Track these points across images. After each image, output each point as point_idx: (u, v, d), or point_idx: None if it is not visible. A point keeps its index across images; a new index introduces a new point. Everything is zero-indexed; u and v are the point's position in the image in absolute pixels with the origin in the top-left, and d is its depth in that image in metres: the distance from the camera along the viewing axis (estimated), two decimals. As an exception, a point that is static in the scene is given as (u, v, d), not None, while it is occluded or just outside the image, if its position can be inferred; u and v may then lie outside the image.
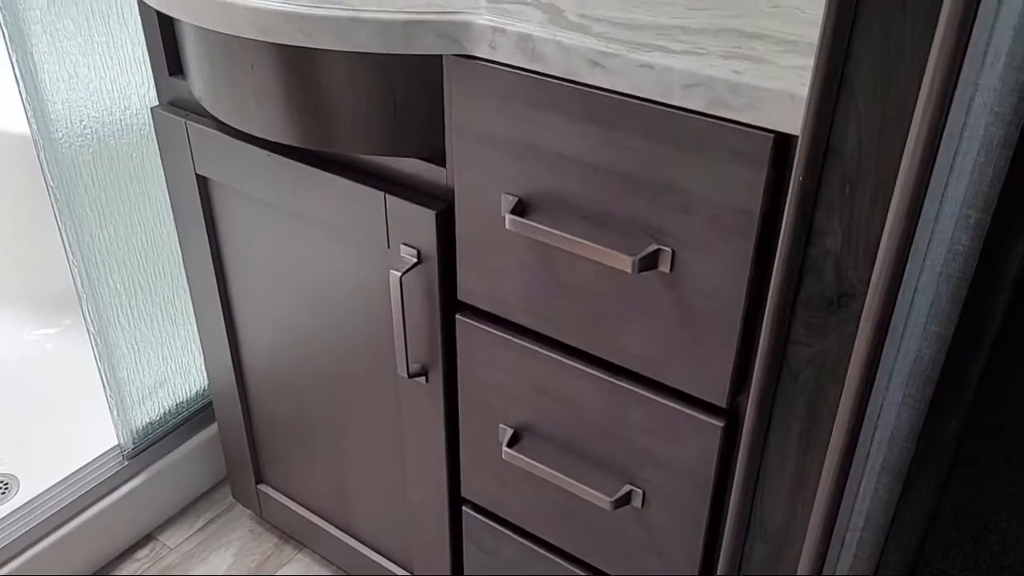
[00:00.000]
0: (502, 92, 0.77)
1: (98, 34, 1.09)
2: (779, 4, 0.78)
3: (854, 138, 0.60)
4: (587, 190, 0.76)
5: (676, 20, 0.74)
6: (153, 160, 1.20)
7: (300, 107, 0.88)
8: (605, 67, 0.70)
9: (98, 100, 1.12)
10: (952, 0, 0.54)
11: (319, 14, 0.77)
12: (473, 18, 0.76)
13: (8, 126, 1.54)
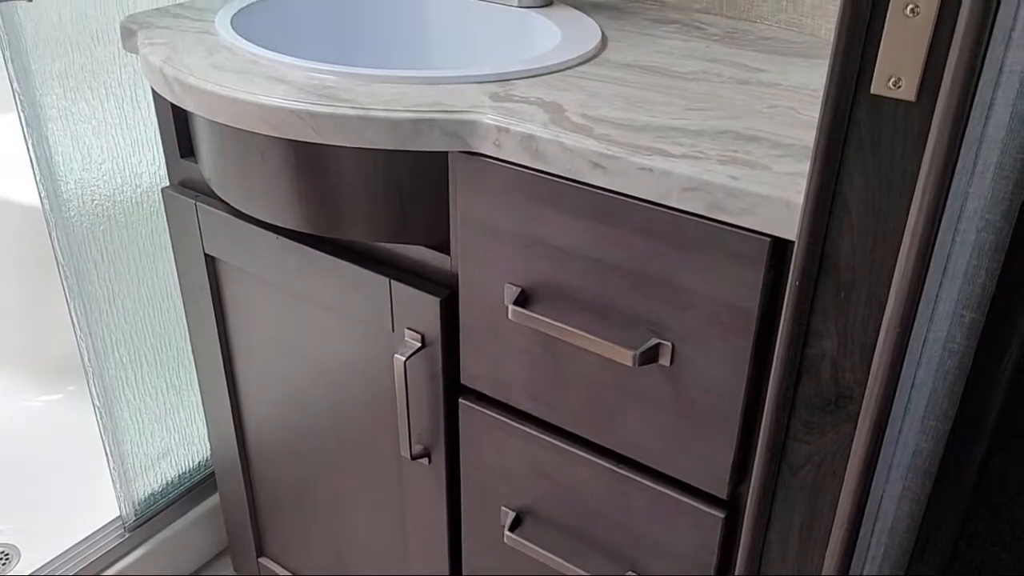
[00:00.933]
0: (506, 187, 0.79)
1: (112, 116, 1.12)
2: (775, 104, 0.80)
3: (848, 248, 0.61)
4: (589, 283, 0.78)
5: (676, 121, 0.77)
6: (162, 236, 1.22)
7: (309, 195, 0.90)
8: (606, 168, 0.72)
9: (110, 180, 1.15)
10: (941, 117, 0.56)
11: (329, 112, 0.79)
12: (479, 117, 0.78)
13: (18, 196, 1.57)
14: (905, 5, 0.53)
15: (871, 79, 0.56)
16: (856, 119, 0.57)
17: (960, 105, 0.55)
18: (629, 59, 0.91)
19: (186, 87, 0.87)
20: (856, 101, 0.57)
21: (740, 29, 1.01)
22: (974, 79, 0.54)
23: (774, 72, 0.88)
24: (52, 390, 1.67)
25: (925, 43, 0.53)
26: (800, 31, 0.99)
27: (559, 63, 0.88)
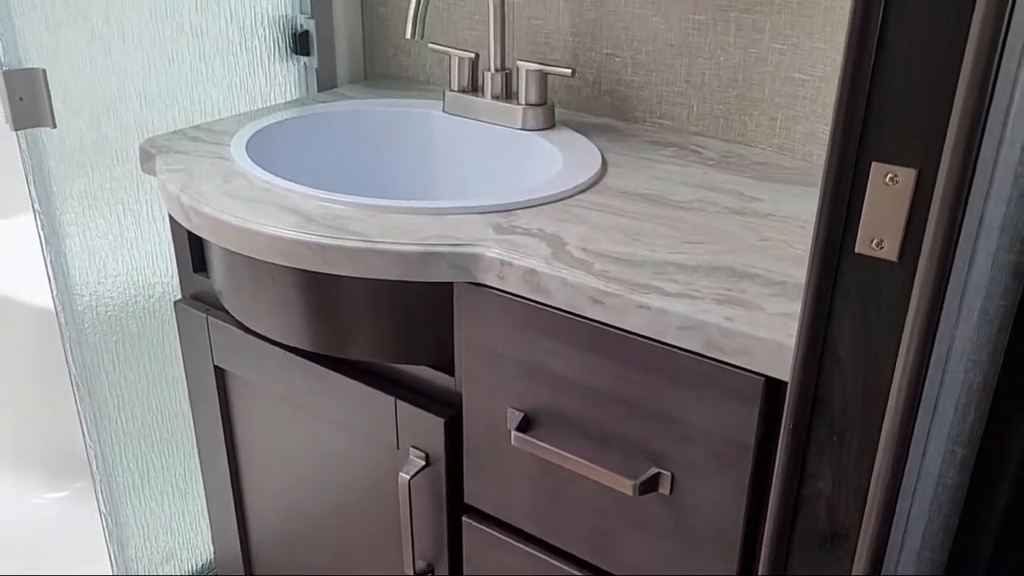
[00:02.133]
0: (509, 318, 0.81)
1: (128, 231, 1.16)
2: (769, 237, 0.83)
3: (839, 393, 0.63)
4: (590, 412, 0.80)
5: (673, 255, 0.80)
6: (172, 346, 1.25)
7: (317, 318, 0.92)
8: (605, 304, 0.75)
9: (124, 291, 1.18)
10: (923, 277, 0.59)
11: (338, 245, 0.83)
12: (483, 250, 0.81)
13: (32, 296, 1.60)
14: (885, 174, 0.56)
15: (855, 239, 0.59)
16: (842, 275, 0.60)
17: (941, 265, 0.58)
18: (628, 187, 0.95)
19: (202, 216, 0.90)
20: (842, 259, 0.60)
21: (735, 153, 1.05)
22: (953, 241, 0.57)
23: (768, 201, 0.91)
24: (58, 487, 1.67)
25: (904, 209, 0.56)
26: (793, 156, 1.03)
27: (561, 192, 0.91)
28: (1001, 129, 0.61)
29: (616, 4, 1.11)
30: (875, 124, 0.56)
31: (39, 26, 1.01)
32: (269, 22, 1.24)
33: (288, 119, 1.13)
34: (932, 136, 0.54)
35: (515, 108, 1.09)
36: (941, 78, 0.53)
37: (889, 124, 0.55)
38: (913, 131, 0.55)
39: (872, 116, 0.56)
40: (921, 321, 0.59)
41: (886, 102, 0.55)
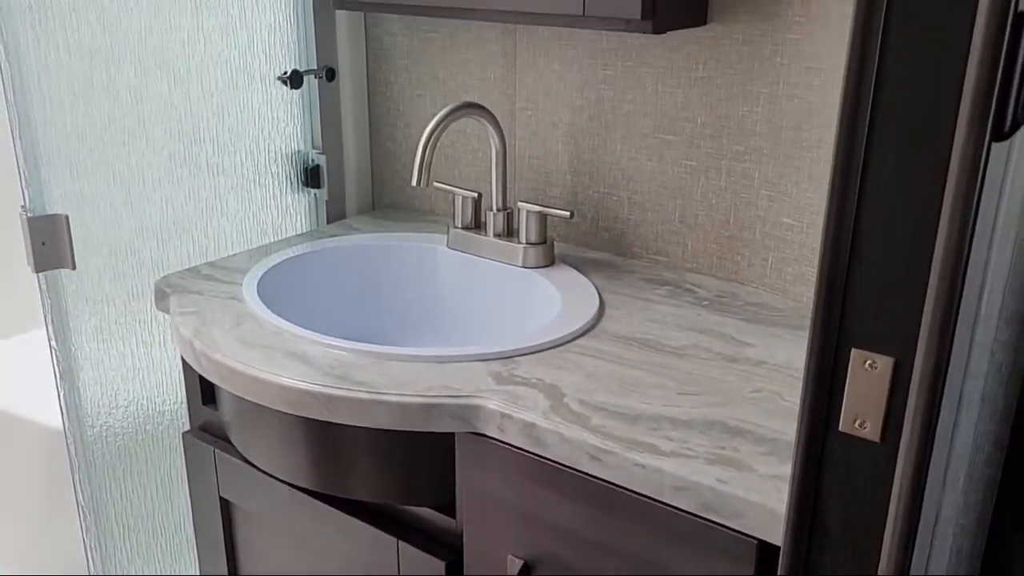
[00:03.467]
0: (509, 468, 0.83)
1: (140, 362, 1.19)
2: (761, 388, 0.86)
3: (830, 564, 0.65)
4: (587, 563, 0.81)
5: (667, 408, 0.82)
6: (179, 473, 1.26)
7: (321, 460, 0.94)
8: (602, 461, 0.77)
9: (133, 421, 1.20)
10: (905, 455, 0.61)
11: (343, 395, 0.85)
12: (484, 402, 0.84)
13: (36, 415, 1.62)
14: (864, 360, 0.59)
15: (839, 419, 0.61)
16: (828, 452, 0.62)
17: (922, 444, 0.60)
18: (624, 330, 0.98)
19: (213, 362, 0.93)
20: (827, 437, 0.62)
21: (728, 292, 1.08)
22: (933, 422, 0.60)
23: (760, 347, 0.94)
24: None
25: (884, 393, 0.59)
26: (784, 296, 1.07)
27: (559, 337, 0.95)
28: (975, 309, 0.64)
29: (612, 147, 1.16)
30: (853, 313, 0.59)
31: (64, 174, 1.07)
32: (282, 158, 1.30)
33: (298, 255, 1.17)
34: (907, 326, 0.57)
35: (516, 247, 1.13)
36: (913, 273, 0.56)
37: (865, 314, 0.58)
38: (889, 321, 0.58)
39: (849, 305, 0.59)
40: (905, 497, 0.61)
41: (862, 293, 0.58)
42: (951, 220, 0.55)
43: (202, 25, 1.16)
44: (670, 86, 1.09)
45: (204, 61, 1.17)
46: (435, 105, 1.30)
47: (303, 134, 1.32)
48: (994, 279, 0.64)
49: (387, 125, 1.36)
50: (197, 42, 1.16)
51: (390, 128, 1.36)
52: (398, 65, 1.32)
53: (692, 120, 1.09)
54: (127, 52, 1.09)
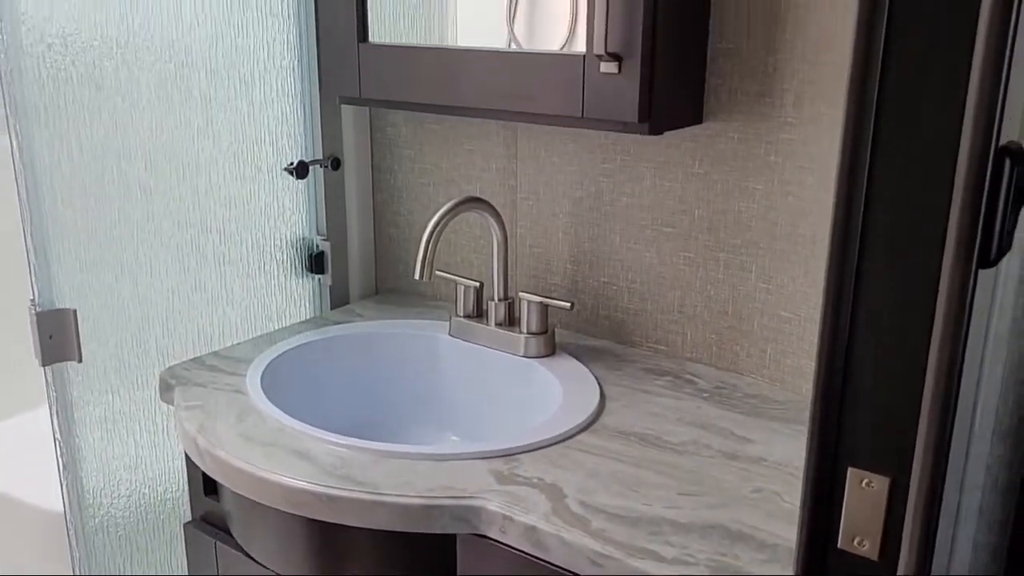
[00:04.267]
0: (511, 570, 0.83)
1: (143, 451, 1.20)
2: (761, 488, 0.86)
3: None
4: (590, 669, 0.81)
5: (668, 511, 0.82)
6: (179, 560, 1.26)
7: (322, 559, 0.94)
8: (603, 567, 0.77)
9: (136, 510, 1.20)
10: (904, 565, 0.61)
11: (345, 496, 0.86)
12: (485, 503, 0.84)
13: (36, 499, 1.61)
14: (861, 479, 0.60)
15: (838, 536, 0.62)
16: (828, 570, 0.63)
17: (920, 561, 0.60)
18: (625, 425, 0.99)
19: (217, 460, 0.94)
20: (826, 554, 0.62)
21: (728, 383, 1.09)
22: (930, 539, 0.60)
23: (759, 443, 0.95)
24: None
25: (881, 512, 0.60)
26: (783, 387, 1.08)
27: (560, 433, 0.95)
28: (969, 426, 0.65)
29: (612, 238, 1.18)
30: (848, 433, 0.60)
31: (73, 268, 1.08)
32: (287, 245, 1.33)
33: (301, 344, 1.18)
34: (901, 446, 0.58)
35: (518, 337, 1.14)
36: (906, 394, 0.58)
37: (861, 434, 0.59)
38: (884, 441, 0.59)
39: (845, 425, 0.60)
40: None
41: (857, 413, 0.59)
42: (942, 344, 0.56)
43: (212, 120, 1.19)
44: (668, 180, 1.12)
45: (213, 155, 1.20)
46: (438, 193, 1.33)
47: (308, 221, 1.35)
48: (987, 396, 0.65)
49: (391, 212, 1.39)
50: (206, 137, 1.19)
51: (393, 215, 1.39)
52: (402, 155, 1.35)
53: (689, 213, 1.11)
54: (138, 148, 1.12)
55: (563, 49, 1.08)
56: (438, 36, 1.24)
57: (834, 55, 0.96)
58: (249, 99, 1.23)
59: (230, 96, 1.21)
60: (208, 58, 1.17)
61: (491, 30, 1.16)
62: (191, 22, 1.14)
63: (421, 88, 1.13)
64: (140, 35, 1.09)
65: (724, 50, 1.04)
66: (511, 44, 1.14)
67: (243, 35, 1.20)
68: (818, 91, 0.98)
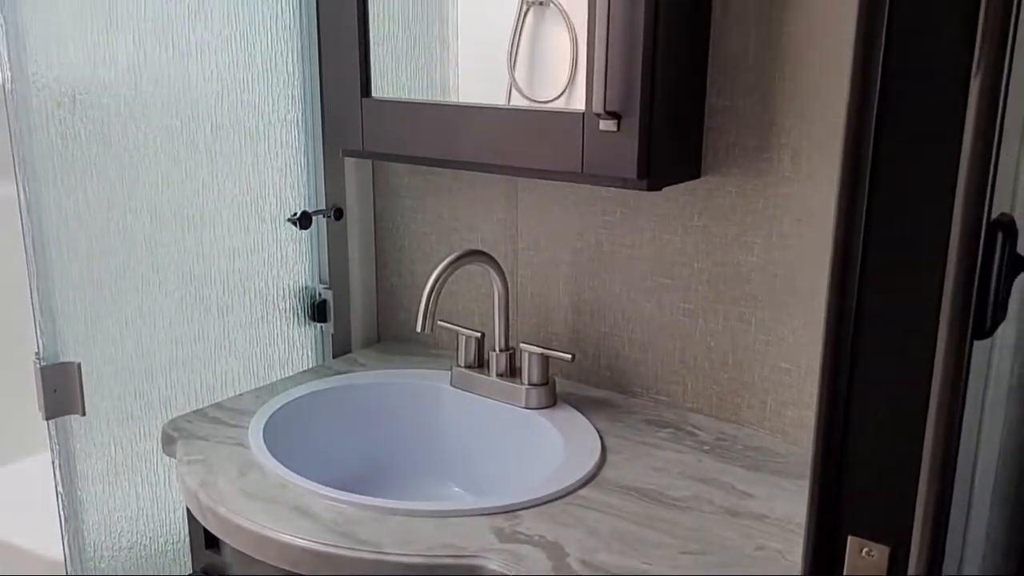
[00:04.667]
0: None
1: (145, 503, 1.20)
2: (763, 546, 0.86)
3: None
4: None
5: (670, 570, 0.82)
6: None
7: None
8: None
9: (136, 563, 1.20)
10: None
11: (346, 555, 0.86)
12: (486, 562, 0.84)
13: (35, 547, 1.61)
14: (861, 548, 0.60)
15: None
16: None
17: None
18: (626, 480, 0.99)
19: (218, 517, 0.94)
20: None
21: (729, 435, 1.09)
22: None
23: (761, 498, 0.95)
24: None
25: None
26: (784, 438, 1.08)
27: (561, 489, 0.95)
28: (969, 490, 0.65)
29: (612, 288, 1.19)
30: (848, 502, 0.60)
31: (78, 322, 1.09)
32: (290, 294, 1.34)
33: (302, 396, 1.19)
34: (901, 516, 0.58)
35: (519, 388, 1.15)
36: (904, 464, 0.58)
37: (860, 503, 0.60)
38: (883, 511, 0.59)
39: (845, 495, 0.60)
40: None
41: (857, 483, 0.60)
42: (939, 415, 0.57)
43: (217, 173, 1.21)
44: (667, 233, 1.13)
45: (218, 206, 1.22)
46: (440, 242, 1.34)
47: (311, 270, 1.36)
48: (985, 461, 0.65)
49: (393, 260, 1.40)
50: (211, 189, 1.21)
51: (395, 263, 1.40)
52: (404, 204, 1.37)
53: (689, 266, 1.12)
54: (144, 202, 1.14)
55: (564, 94, 1.10)
56: (440, 86, 1.26)
57: (830, 113, 0.97)
58: (254, 152, 1.24)
59: (235, 149, 1.22)
60: (214, 113, 1.19)
61: (492, 77, 1.18)
62: (197, 79, 1.16)
63: (423, 142, 1.15)
64: (148, 92, 1.11)
65: (721, 106, 1.05)
66: (512, 90, 1.16)
67: (248, 90, 1.22)
68: (815, 147, 0.99)
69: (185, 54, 1.14)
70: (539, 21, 1.16)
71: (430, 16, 1.26)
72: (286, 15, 1.24)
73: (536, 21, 1.16)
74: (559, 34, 1.13)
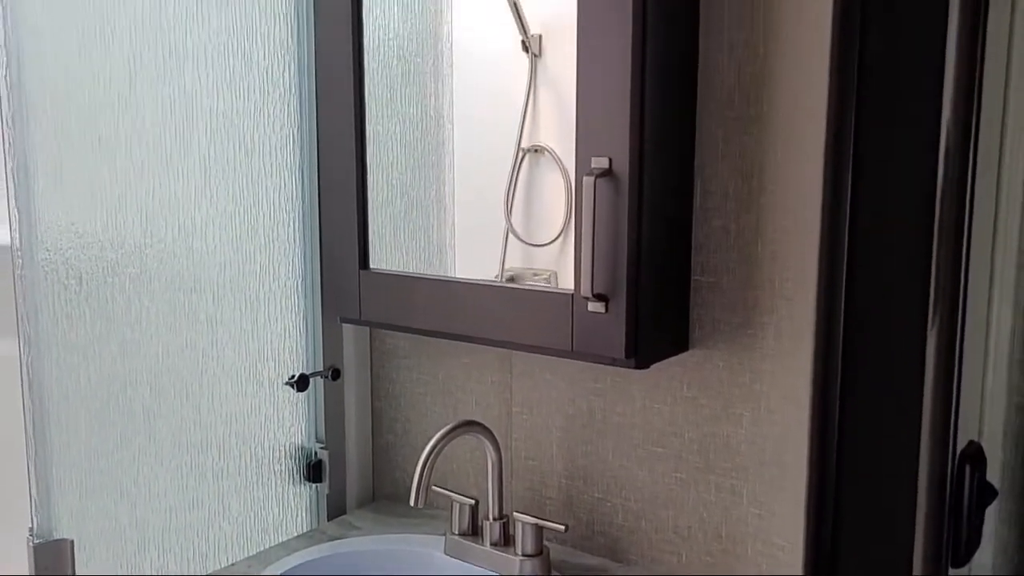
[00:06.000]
0: None
1: None
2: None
3: None
4: None
5: None
6: None
7: None
8: None
9: None
10: None
11: None
12: None
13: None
14: None
15: None
16: None
17: None
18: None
19: None
20: None
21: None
22: None
23: None
24: None
25: None
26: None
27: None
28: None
29: (604, 455, 1.20)
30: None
31: (73, 496, 1.10)
32: (285, 455, 1.34)
33: (296, 566, 1.18)
34: None
35: (512, 559, 1.14)
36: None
37: None
38: None
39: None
40: None
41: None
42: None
43: (216, 341, 1.24)
44: (657, 402, 1.15)
45: (217, 374, 1.24)
46: (435, 403, 1.36)
47: (306, 430, 1.37)
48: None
49: (388, 419, 1.42)
50: (211, 357, 1.23)
51: (391, 422, 1.41)
52: (400, 364, 1.39)
53: (679, 435, 1.13)
54: (144, 374, 1.16)
55: (559, 237, 1.14)
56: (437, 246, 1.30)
57: (809, 295, 1.01)
58: (254, 319, 1.28)
59: (235, 317, 1.26)
60: (216, 284, 1.23)
61: (489, 223, 1.22)
62: (202, 254, 1.20)
63: (419, 314, 1.18)
64: (153, 270, 1.15)
65: (706, 283, 1.09)
66: (508, 235, 1.19)
67: (250, 261, 1.26)
68: (796, 328, 1.02)
69: (190, 232, 1.18)
70: (534, 167, 1.21)
71: (428, 180, 1.32)
72: (288, 188, 1.30)
73: (531, 167, 1.22)
74: (554, 180, 1.18)
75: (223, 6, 1.18)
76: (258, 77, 1.24)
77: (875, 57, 0.86)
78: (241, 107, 1.22)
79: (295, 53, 1.28)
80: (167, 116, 1.15)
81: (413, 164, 1.30)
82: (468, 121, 1.27)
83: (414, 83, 1.30)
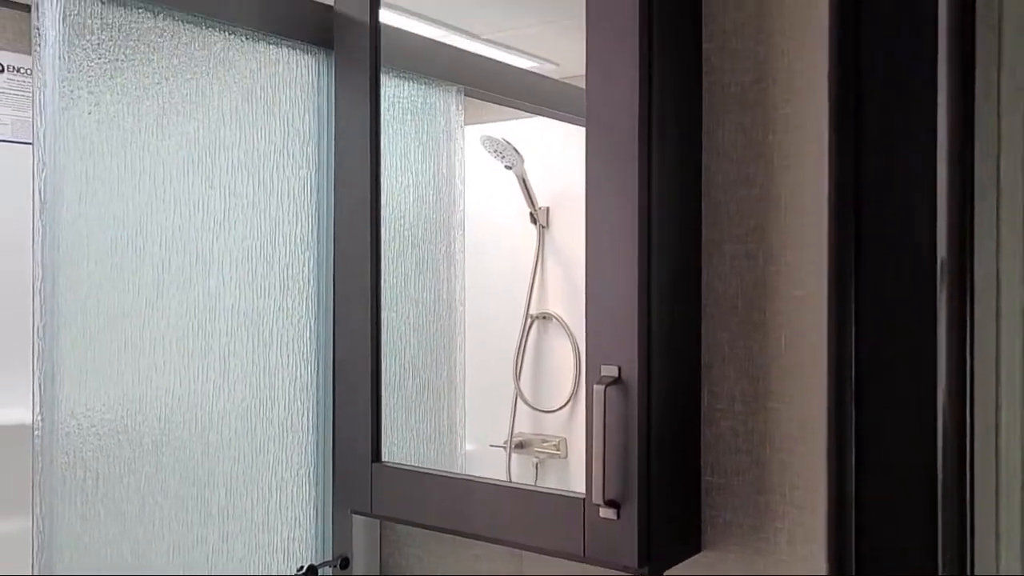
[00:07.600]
0: None
1: None
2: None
3: None
4: None
5: None
6: None
7: None
8: None
9: None
10: None
11: None
12: None
13: None
14: None
15: None
16: None
17: None
18: None
19: None
20: None
21: None
22: None
23: None
24: None
25: None
26: None
27: None
28: None
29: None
30: None
31: None
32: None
33: None
34: None
35: None
36: None
37: None
38: None
39: None
40: None
41: None
42: None
43: (227, 534, 1.24)
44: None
45: (226, 569, 1.23)
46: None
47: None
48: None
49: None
50: (220, 553, 1.23)
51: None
52: (410, 553, 1.38)
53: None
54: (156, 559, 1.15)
55: (568, 403, 1.15)
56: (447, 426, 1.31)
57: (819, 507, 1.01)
58: (265, 511, 1.28)
59: (246, 509, 1.26)
60: (229, 477, 1.24)
61: (498, 389, 1.23)
62: (217, 447, 1.22)
63: (431, 511, 1.19)
64: (168, 464, 1.17)
65: (717, 484, 1.10)
66: (517, 400, 1.20)
67: (263, 452, 1.27)
68: (809, 534, 1.02)
69: (207, 427, 1.21)
70: (542, 333, 1.24)
71: (439, 359, 1.35)
72: (304, 378, 1.33)
73: (539, 333, 1.24)
74: (562, 346, 1.20)
75: (249, 211, 1.25)
76: (278, 275, 1.29)
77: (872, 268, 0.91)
78: (262, 305, 1.27)
79: (315, 249, 1.34)
80: (191, 317, 1.19)
81: (425, 346, 1.33)
82: (478, 292, 1.31)
83: (428, 269, 1.35)
